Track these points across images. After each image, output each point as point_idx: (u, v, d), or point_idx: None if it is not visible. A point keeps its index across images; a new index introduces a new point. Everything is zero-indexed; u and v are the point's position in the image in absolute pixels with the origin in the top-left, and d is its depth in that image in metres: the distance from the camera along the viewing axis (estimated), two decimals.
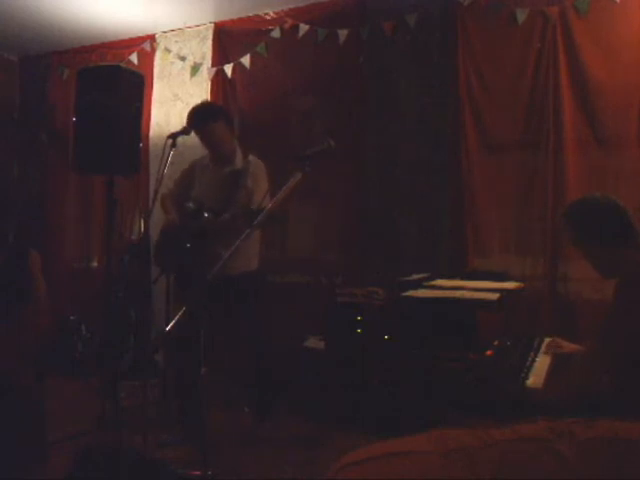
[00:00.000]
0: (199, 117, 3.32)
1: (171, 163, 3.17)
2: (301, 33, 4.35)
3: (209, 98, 4.78)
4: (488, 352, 2.49)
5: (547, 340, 2.62)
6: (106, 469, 1.87)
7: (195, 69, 4.87)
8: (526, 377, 2.07)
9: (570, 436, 1.10)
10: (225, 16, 4.72)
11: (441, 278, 3.30)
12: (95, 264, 5.41)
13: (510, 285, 3.14)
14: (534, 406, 1.90)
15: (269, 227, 3.46)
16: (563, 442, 1.08)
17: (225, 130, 3.36)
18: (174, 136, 3.20)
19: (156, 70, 5.07)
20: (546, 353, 2.43)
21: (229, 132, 3.40)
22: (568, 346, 2.47)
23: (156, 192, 3.09)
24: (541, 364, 2.31)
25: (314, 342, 3.71)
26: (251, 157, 3.39)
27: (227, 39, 4.78)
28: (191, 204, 3.18)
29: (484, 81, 3.88)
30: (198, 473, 2.58)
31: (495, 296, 2.77)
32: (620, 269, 1.92)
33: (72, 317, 4.71)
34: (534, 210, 3.77)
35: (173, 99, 5.02)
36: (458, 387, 2.44)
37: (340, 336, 3.39)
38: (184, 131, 3.27)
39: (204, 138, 3.36)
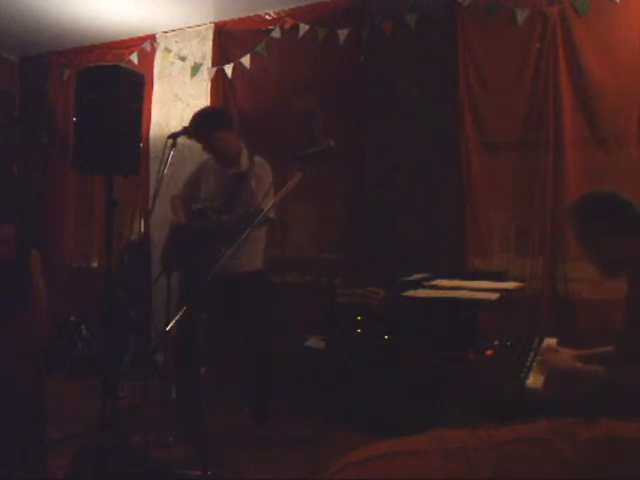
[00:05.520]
0: (201, 125, 3.30)
1: (171, 163, 3.18)
2: (301, 33, 4.35)
3: (209, 98, 4.79)
4: (488, 352, 2.49)
5: (547, 340, 2.61)
6: (105, 469, 1.86)
7: (195, 69, 4.87)
8: (526, 377, 2.06)
9: (570, 436, 1.10)
10: (225, 16, 4.72)
11: (441, 278, 3.30)
12: (95, 264, 5.42)
13: (510, 285, 3.14)
14: (534, 406, 1.90)
15: (269, 227, 3.47)
16: (563, 442, 1.08)
17: (227, 136, 3.34)
18: (174, 136, 3.21)
19: (156, 70, 5.07)
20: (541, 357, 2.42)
21: (232, 137, 3.39)
22: (562, 351, 2.45)
23: (156, 192, 3.10)
24: None
25: (314, 342, 3.72)
26: (257, 158, 3.38)
27: (227, 39, 4.78)
28: (197, 205, 3.22)
29: (484, 81, 3.88)
30: (198, 473, 2.58)
31: (495, 296, 2.77)
32: (625, 264, 1.93)
33: (72, 317, 4.70)
34: (534, 210, 3.77)
35: (173, 99, 5.02)
36: (458, 387, 2.43)
37: (340, 336, 3.39)
38: (184, 131, 3.27)
39: (206, 146, 3.36)
